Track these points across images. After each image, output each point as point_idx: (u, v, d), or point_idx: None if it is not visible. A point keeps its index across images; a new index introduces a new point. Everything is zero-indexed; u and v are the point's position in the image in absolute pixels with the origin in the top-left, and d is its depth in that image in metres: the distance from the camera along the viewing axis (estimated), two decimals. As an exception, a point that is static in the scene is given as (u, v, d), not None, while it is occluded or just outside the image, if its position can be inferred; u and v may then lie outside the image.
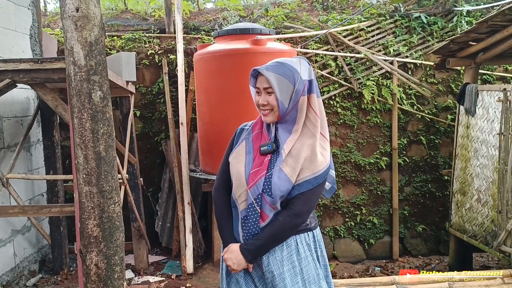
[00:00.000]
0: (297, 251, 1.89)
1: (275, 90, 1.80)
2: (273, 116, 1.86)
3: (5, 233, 3.81)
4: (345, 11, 5.86)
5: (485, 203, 4.35)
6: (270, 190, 1.80)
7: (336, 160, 5.44)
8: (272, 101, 1.83)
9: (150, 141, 5.22)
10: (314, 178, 1.81)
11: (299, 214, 1.82)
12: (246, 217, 1.87)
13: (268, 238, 1.84)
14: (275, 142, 1.88)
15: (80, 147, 2.24)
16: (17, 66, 2.69)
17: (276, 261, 1.87)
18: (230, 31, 4.21)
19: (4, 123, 3.88)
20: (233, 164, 1.93)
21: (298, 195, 1.81)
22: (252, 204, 1.84)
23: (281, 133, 1.87)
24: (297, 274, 1.88)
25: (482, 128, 4.40)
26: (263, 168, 1.85)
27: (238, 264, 1.87)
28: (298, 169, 1.80)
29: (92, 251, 2.33)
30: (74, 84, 2.21)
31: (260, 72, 1.84)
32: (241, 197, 1.88)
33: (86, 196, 2.30)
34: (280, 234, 1.84)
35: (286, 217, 1.82)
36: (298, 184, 1.80)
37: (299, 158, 1.80)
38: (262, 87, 1.86)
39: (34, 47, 4.45)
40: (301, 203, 1.82)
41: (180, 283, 4.06)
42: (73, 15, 2.14)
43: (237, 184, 1.89)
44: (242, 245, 1.88)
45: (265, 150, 1.87)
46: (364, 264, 5.46)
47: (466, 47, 4.55)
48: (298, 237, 1.91)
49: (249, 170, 1.87)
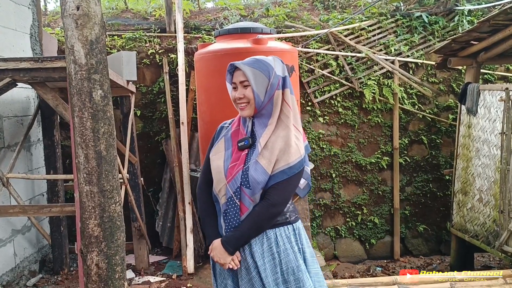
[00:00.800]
0: (276, 244, 1.94)
1: (251, 82, 1.87)
2: (249, 110, 1.92)
3: (5, 233, 3.80)
4: (346, 10, 5.85)
5: (486, 203, 4.33)
6: (248, 183, 1.87)
7: (337, 160, 5.43)
8: (249, 94, 1.90)
9: (150, 140, 5.21)
10: (288, 168, 1.86)
11: (275, 204, 1.88)
12: (227, 210, 1.94)
13: (246, 229, 1.90)
14: (251, 136, 1.95)
15: (81, 146, 2.23)
16: (17, 65, 2.67)
17: (258, 254, 1.92)
18: (231, 30, 4.20)
19: (4, 123, 3.86)
20: (213, 160, 2.01)
21: (273, 185, 1.86)
22: (232, 198, 1.91)
23: (257, 127, 1.94)
24: (277, 265, 1.93)
25: (483, 128, 4.39)
26: (240, 162, 1.92)
27: (223, 258, 1.92)
28: (273, 161, 1.86)
29: (93, 251, 2.31)
30: (74, 83, 2.19)
31: (237, 66, 1.92)
32: (221, 191, 1.94)
33: (87, 196, 2.28)
34: (257, 224, 1.90)
35: (263, 207, 1.88)
36: (273, 175, 1.86)
37: (274, 150, 1.87)
38: (238, 81, 1.93)
39: (34, 47, 4.43)
40: (277, 193, 1.87)
41: (181, 283, 4.05)
42: (74, 13, 2.13)
43: (217, 179, 1.96)
44: (223, 238, 1.94)
45: (243, 146, 1.94)
46: (365, 264, 5.45)
47: (467, 46, 4.54)
48: (278, 230, 1.95)
49: (228, 164, 1.95)
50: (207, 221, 2.05)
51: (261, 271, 1.91)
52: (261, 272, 1.91)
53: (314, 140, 5.35)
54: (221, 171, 1.94)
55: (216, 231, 2.00)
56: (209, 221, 2.04)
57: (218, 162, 1.98)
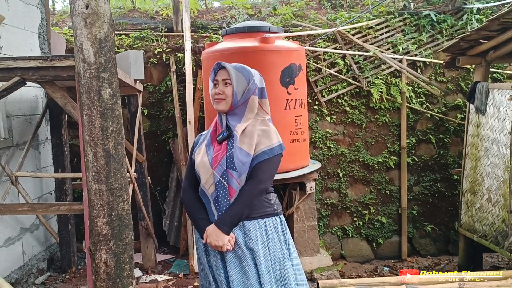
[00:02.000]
0: (266, 232, 2.11)
1: (232, 81, 2.08)
2: (225, 105, 2.11)
3: (14, 231, 3.82)
4: (354, 9, 5.82)
5: (495, 202, 4.30)
6: (234, 165, 2.04)
7: (344, 159, 5.41)
8: (228, 91, 2.09)
9: (157, 139, 5.22)
10: (269, 149, 2.08)
11: (261, 180, 2.06)
12: (217, 196, 2.07)
13: (238, 207, 2.03)
14: (227, 129, 2.13)
15: (90, 144, 2.23)
16: (26, 64, 2.68)
17: (252, 240, 2.06)
18: (239, 29, 4.19)
19: (13, 121, 3.89)
20: (197, 158, 2.16)
21: (257, 165, 2.05)
22: (220, 181, 2.06)
23: (231, 121, 2.13)
24: (266, 253, 2.09)
25: (492, 127, 4.35)
26: (223, 150, 2.09)
27: (220, 239, 2.01)
28: (254, 144, 2.06)
29: (101, 249, 2.31)
30: (83, 82, 2.19)
31: (223, 66, 2.13)
32: (208, 181, 2.09)
33: (96, 194, 2.28)
34: (248, 201, 2.04)
35: (251, 185, 2.05)
36: (256, 156, 2.06)
37: (253, 135, 2.08)
38: (221, 78, 2.12)
39: (42, 46, 4.45)
40: (261, 171, 2.06)
41: (188, 282, 4.05)
42: (83, 11, 2.13)
43: (203, 171, 2.10)
44: (216, 221, 2.05)
45: (221, 138, 2.12)
46: (372, 264, 5.42)
47: (476, 45, 4.50)
48: (267, 220, 2.12)
49: (212, 155, 2.11)
50: (197, 215, 2.15)
51: (256, 257, 2.04)
52: (256, 258, 2.04)
53: (321, 140, 5.34)
54: (206, 163, 2.10)
55: (206, 221, 2.10)
56: (198, 214, 2.14)
57: (202, 157, 2.13)
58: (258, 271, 2.03)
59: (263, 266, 2.04)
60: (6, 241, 3.68)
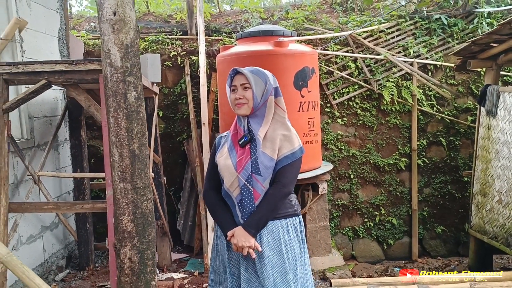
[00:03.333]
0: (287, 232, 2.20)
1: (252, 85, 2.14)
2: (246, 109, 2.17)
3: (36, 229, 3.94)
4: (365, 12, 5.90)
5: (506, 204, 4.35)
6: (259, 169, 2.12)
7: (355, 160, 5.48)
8: (248, 95, 2.15)
9: (172, 141, 5.33)
10: (291, 154, 2.15)
11: (285, 184, 2.14)
12: (242, 200, 2.14)
13: (264, 210, 2.12)
14: (249, 133, 2.18)
15: (116, 145, 2.32)
16: (53, 68, 2.79)
17: (275, 241, 2.16)
18: (253, 33, 4.28)
19: (34, 123, 4.01)
20: (220, 161, 2.21)
21: (280, 169, 2.13)
22: (245, 186, 2.13)
23: (253, 124, 2.18)
24: (288, 251, 2.19)
25: (503, 130, 4.40)
26: (247, 154, 2.15)
27: (247, 241, 2.09)
28: (276, 149, 2.13)
29: (126, 245, 2.40)
30: (110, 85, 2.28)
31: (240, 71, 2.18)
32: (233, 184, 2.15)
33: (121, 193, 2.37)
34: (273, 205, 2.13)
35: (275, 189, 2.13)
36: (279, 160, 2.13)
37: (275, 140, 2.15)
38: (239, 83, 2.17)
39: (61, 49, 4.58)
40: (284, 175, 2.15)
41: (202, 280, 4.14)
42: (111, 18, 2.22)
43: (228, 174, 2.16)
44: (243, 224, 2.13)
45: (243, 142, 2.17)
46: (383, 265, 5.48)
47: (487, 48, 4.56)
48: (289, 220, 2.23)
49: (235, 159, 2.17)
50: (221, 215, 2.22)
51: (278, 256, 2.14)
52: (278, 258, 2.13)
53: (333, 141, 5.41)
54: (231, 166, 2.16)
55: (231, 222, 2.17)
56: (222, 214, 2.22)
57: (225, 161, 2.19)
58: (284, 268, 2.13)
59: (286, 264, 2.14)
60: (28, 238, 3.79)
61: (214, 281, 2.34)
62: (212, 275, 2.37)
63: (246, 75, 2.16)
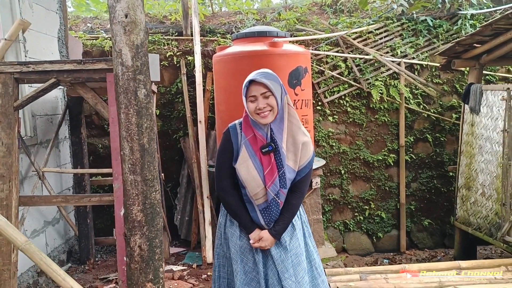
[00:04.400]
0: (298, 217, 2.43)
1: (274, 92, 2.19)
2: (271, 116, 2.22)
3: (39, 224, 4.06)
4: (354, 14, 6.11)
5: (489, 196, 4.58)
6: (285, 184, 2.24)
7: (346, 157, 5.69)
8: (272, 103, 2.20)
9: (169, 138, 5.47)
10: (308, 162, 2.29)
11: (303, 193, 2.35)
12: (267, 208, 2.28)
13: (289, 219, 2.33)
14: (272, 141, 2.24)
15: (126, 139, 2.47)
16: (62, 67, 2.92)
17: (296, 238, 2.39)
18: (248, 34, 4.44)
19: (37, 121, 4.12)
20: (243, 169, 2.26)
21: (300, 179, 2.28)
22: (274, 199, 2.25)
23: (276, 132, 2.24)
24: (298, 233, 2.40)
25: (486, 126, 4.64)
26: (273, 169, 2.22)
27: (271, 244, 2.31)
28: (298, 160, 2.24)
29: (136, 234, 2.55)
30: (121, 83, 2.43)
31: (257, 80, 2.20)
32: (258, 194, 2.25)
33: (131, 184, 2.51)
34: (295, 212, 2.35)
35: (297, 199, 2.31)
36: (299, 170, 2.26)
37: (296, 151, 2.24)
38: (259, 93, 2.20)
39: (61, 49, 4.69)
40: (304, 184, 2.32)
41: (201, 272, 4.30)
42: (123, 20, 2.37)
43: (254, 185, 2.24)
44: (272, 230, 2.30)
45: (267, 151, 2.23)
46: (372, 257, 5.70)
47: (470, 49, 4.79)
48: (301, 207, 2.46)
49: (261, 171, 2.23)
50: (244, 216, 2.34)
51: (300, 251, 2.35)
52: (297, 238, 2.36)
53: (324, 138, 5.61)
54: (258, 179, 2.23)
55: (253, 224, 2.33)
56: (245, 216, 2.34)
57: (250, 171, 2.24)
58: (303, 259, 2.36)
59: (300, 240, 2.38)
60: (33, 233, 3.91)
61: (221, 265, 2.49)
62: (216, 273, 2.51)
63: (266, 84, 2.18)
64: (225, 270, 2.48)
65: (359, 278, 3.77)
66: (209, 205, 4.73)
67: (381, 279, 3.74)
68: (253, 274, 2.36)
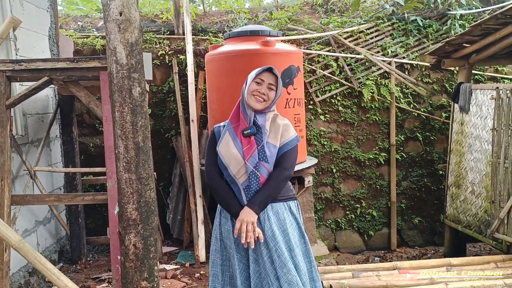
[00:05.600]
0: (291, 213, 2.44)
1: (278, 88, 2.38)
2: (264, 105, 2.38)
3: (30, 224, 4.02)
4: (345, 14, 6.15)
5: (478, 194, 4.65)
6: (266, 157, 2.33)
7: (338, 155, 5.72)
8: (271, 95, 2.37)
9: (161, 137, 5.46)
10: (290, 141, 2.40)
11: (286, 167, 2.37)
12: (249, 185, 2.33)
13: (267, 190, 2.33)
14: (255, 126, 2.38)
15: (121, 138, 2.46)
16: (55, 65, 2.91)
17: (280, 221, 2.36)
18: (241, 33, 4.45)
19: (28, 120, 4.09)
20: (224, 150, 2.38)
21: (282, 155, 2.37)
22: (253, 172, 2.32)
23: (259, 117, 2.39)
24: (292, 230, 2.39)
25: (475, 124, 4.70)
26: (252, 144, 2.34)
27: (252, 217, 2.29)
28: (279, 138, 2.37)
29: (130, 232, 2.54)
30: (116, 81, 2.42)
31: (274, 72, 2.38)
32: (240, 171, 2.33)
33: (126, 183, 2.51)
34: (275, 184, 2.34)
35: (277, 171, 2.35)
36: (280, 147, 2.37)
37: (277, 131, 2.39)
38: (267, 81, 2.37)
39: (52, 47, 4.66)
40: (285, 159, 2.37)
41: (194, 271, 4.30)
42: (117, 18, 2.36)
43: (234, 162, 2.34)
44: (248, 202, 2.33)
45: (249, 133, 2.36)
46: (364, 255, 5.74)
47: (460, 48, 4.85)
48: (291, 203, 2.46)
49: (241, 148, 2.35)
50: (230, 199, 2.39)
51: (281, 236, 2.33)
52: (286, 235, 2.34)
53: (316, 137, 5.64)
54: (238, 155, 2.34)
55: (239, 205, 2.35)
56: (232, 199, 2.38)
57: (230, 150, 2.36)
58: (289, 245, 2.33)
59: (292, 242, 2.35)
60: (24, 232, 3.88)
61: (215, 275, 2.47)
62: (214, 269, 2.49)
63: (278, 78, 2.38)
64: (218, 279, 2.46)
65: (352, 275, 3.80)
66: (201, 204, 4.73)
67: (373, 277, 3.77)
68: (248, 271, 2.38)
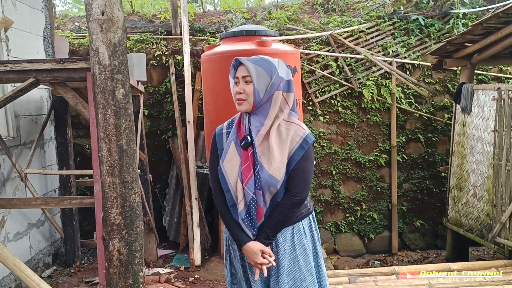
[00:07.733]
0: (304, 235, 2.05)
1: (253, 78, 1.90)
2: (247, 105, 1.95)
3: (22, 227, 3.98)
4: (345, 13, 6.05)
5: (480, 197, 4.53)
6: (260, 186, 1.92)
7: (337, 157, 5.63)
8: (249, 90, 1.92)
9: (157, 139, 5.40)
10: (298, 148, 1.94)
11: (294, 193, 1.94)
12: (248, 215, 1.97)
13: (274, 222, 1.96)
14: (250, 134, 1.97)
15: (104, 140, 2.40)
16: (40, 66, 2.85)
17: (290, 247, 2.02)
18: (236, 33, 4.38)
19: (20, 121, 4.05)
20: (229, 168, 2.00)
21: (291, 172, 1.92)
22: (253, 199, 1.94)
23: (253, 122, 1.97)
24: (305, 256, 2.04)
25: (477, 126, 4.59)
26: (250, 165, 1.94)
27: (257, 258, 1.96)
28: (277, 159, 1.91)
29: (114, 237, 2.48)
30: (98, 82, 2.36)
31: (241, 61, 1.95)
32: (238, 196, 1.97)
33: (109, 187, 2.45)
34: (283, 216, 1.96)
35: (286, 199, 1.94)
36: (289, 160, 1.92)
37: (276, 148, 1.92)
38: (241, 75, 1.95)
39: (47, 48, 4.61)
40: (295, 180, 1.93)
41: (189, 274, 4.23)
42: (99, 18, 2.30)
43: (234, 186, 1.98)
44: (255, 239, 1.97)
45: (245, 145, 1.97)
46: (364, 258, 5.65)
47: (462, 48, 4.75)
48: (304, 222, 2.06)
49: (239, 168, 1.96)
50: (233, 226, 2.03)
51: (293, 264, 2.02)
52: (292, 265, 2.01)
53: (315, 139, 5.54)
54: (236, 176, 1.97)
55: (245, 235, 1.99)
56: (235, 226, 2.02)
57: (232, 167, 1.99)
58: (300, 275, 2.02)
59: (303, 270, 2.03)
60: (15, 235, 3.83)
61: None
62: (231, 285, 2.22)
63: (247, 66, 1.91)
64: None
65: (348, 280, 3.72)
66: (197, 206, 4.66)
67: (370, 282, 3.68)
68: None
